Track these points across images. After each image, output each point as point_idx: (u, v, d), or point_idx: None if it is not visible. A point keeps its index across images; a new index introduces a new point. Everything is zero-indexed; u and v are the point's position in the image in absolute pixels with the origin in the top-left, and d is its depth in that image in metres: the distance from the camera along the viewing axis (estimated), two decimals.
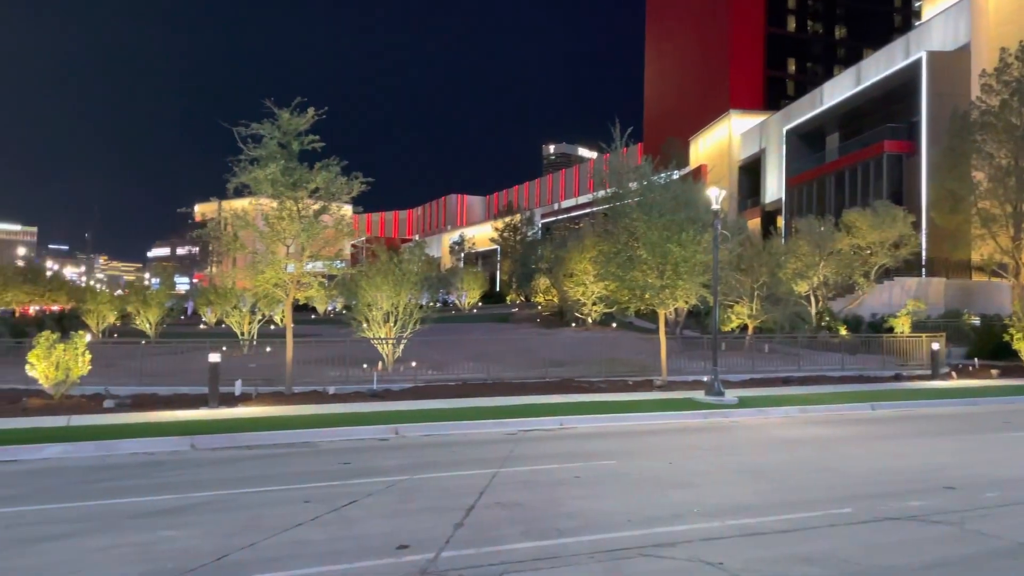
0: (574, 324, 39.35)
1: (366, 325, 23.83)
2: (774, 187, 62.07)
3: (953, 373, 24.61)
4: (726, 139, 72.29)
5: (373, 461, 11.81)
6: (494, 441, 13.63)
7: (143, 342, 24.86)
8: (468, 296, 65.00)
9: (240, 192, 18.69)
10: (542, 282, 51.83)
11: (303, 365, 20.93)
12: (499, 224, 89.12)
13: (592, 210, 64.04)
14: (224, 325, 35.85)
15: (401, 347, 23.81)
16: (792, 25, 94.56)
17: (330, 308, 56.04)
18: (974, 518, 8.41)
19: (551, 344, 25.75)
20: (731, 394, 19.03)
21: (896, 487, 9.99)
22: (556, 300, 45.71)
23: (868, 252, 35.81)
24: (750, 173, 68.21)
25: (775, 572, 6.77)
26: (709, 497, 9.43)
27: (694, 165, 74.69)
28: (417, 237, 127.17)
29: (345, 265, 22.64)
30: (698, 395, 19.08)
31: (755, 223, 58.89)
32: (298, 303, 22.05)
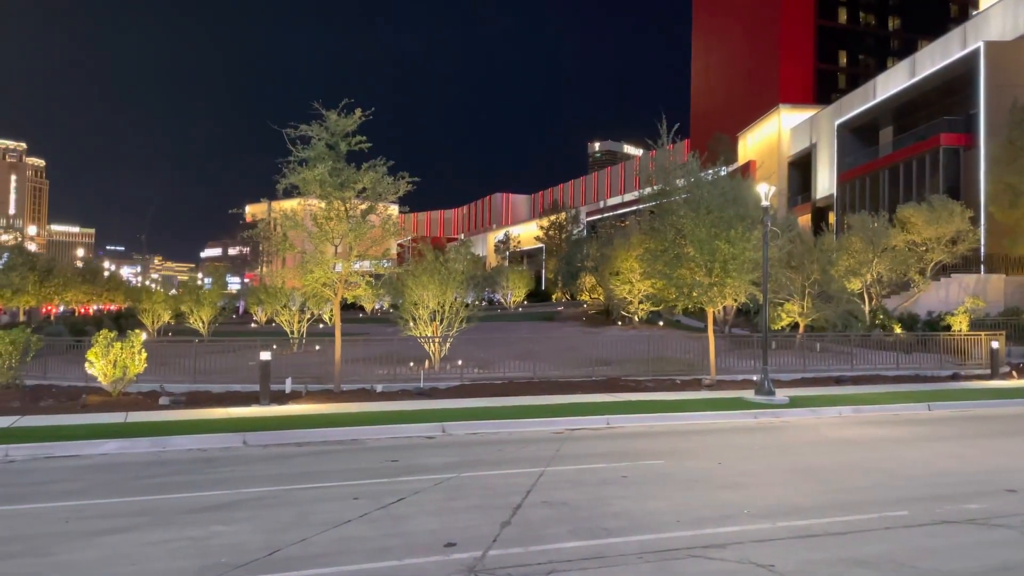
0: (620, 323, 39.08)
1: (412, 324, 24.00)
2: (825, 183, 60.77)
3: (1014, 372, 23.81)
4: (775, 134, 70.99)
5: (420, 459, 11.90)
6: (540, 440, 13.62)
7: (196, 340, 25.41)
8: (513, 295, 65.03)
9: (289, 193, 18.97)
10: (588, 280, 51.59)
11: (351, 363, 21.18)
12: (544, 222, 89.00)
13: (638, 207, 63.50)
14: (274, 324, 36.44)
15: (447, 345, 23.93)
16: (843, 17, 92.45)
17: (377, 307, 56.55)
18: None
19: (597, 342, 25.59)
20: (782, 393, 18.70)
21: (954, 489, 9.70)
22: (602, 298, 45.46)
23: (924, 248, 34.81)
24: (800, 168, 66.87)
25: (828, 575, 6.63)
26: (760, 498, 9.27)
27: (742, 161, 73.56)
28: (463, 236, 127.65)
29: (392, 264, 22.85)
30: (748, 394, 18.79)
31: (805, 219, 57.72)
32: (346, 302, 22.32)
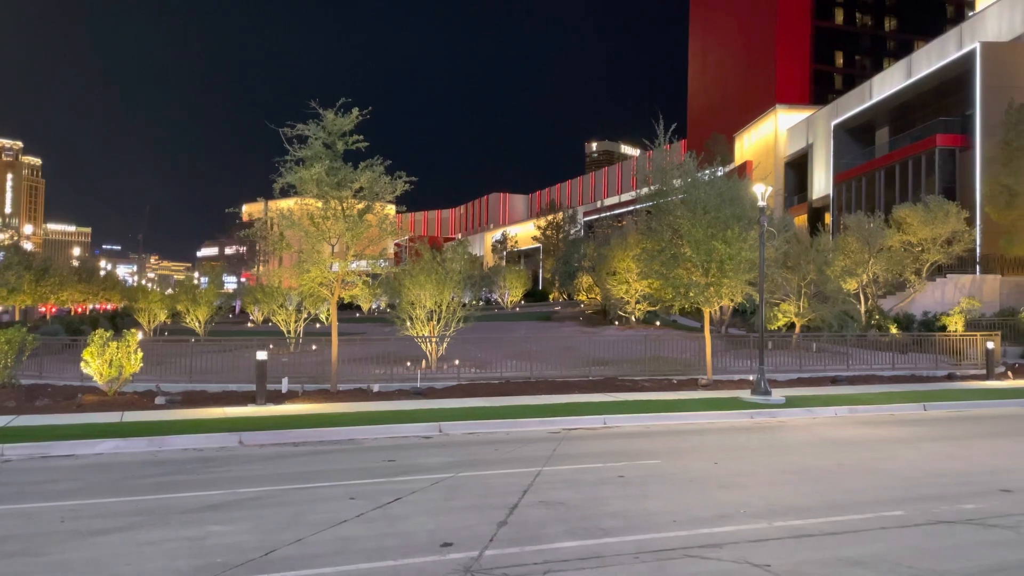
0: (617, 322, 39.11)
1: (410, 323, 24.00)
2: (821, 183, 60.86)
3: (1009, 373, 23.87)
4: (772, 135, 71.08)
5: (417, 458, 11.89)
6: (537, 439, 13.62)
7: (193, 340, 25.39)
8: (511, 294, 65.04)
9: (286, 192, 18.96)
10: (585, 280, 51.59)
11: (348, 363, 21.17)
12: (541, 222, 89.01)
13: (635, 207, 63.52)
14: (271, 323, 36.41)
15: (444, 345, 23.93)
16: (840, 18, 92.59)
17: (374, 306, 56.58)
18: None
19: (594, 342, 25.62)
20: (778, 393, 18.73)
21: (949, 489, 9.72)
22: (599, 298, 45.48)
23: (919, 249, 34.89)
24: (796, 169, 66.97)
25: (824, 575, 6.64)
26: (756, 498, 9.28)
27: (739, 161, 73.66)
28: (460, 236, 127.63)
29: (389, 264, 22.84)
30: (744, 394, 18.82)
31: (802, 220, 57.82)
32: (343, 302, 22.31)
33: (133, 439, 12.86)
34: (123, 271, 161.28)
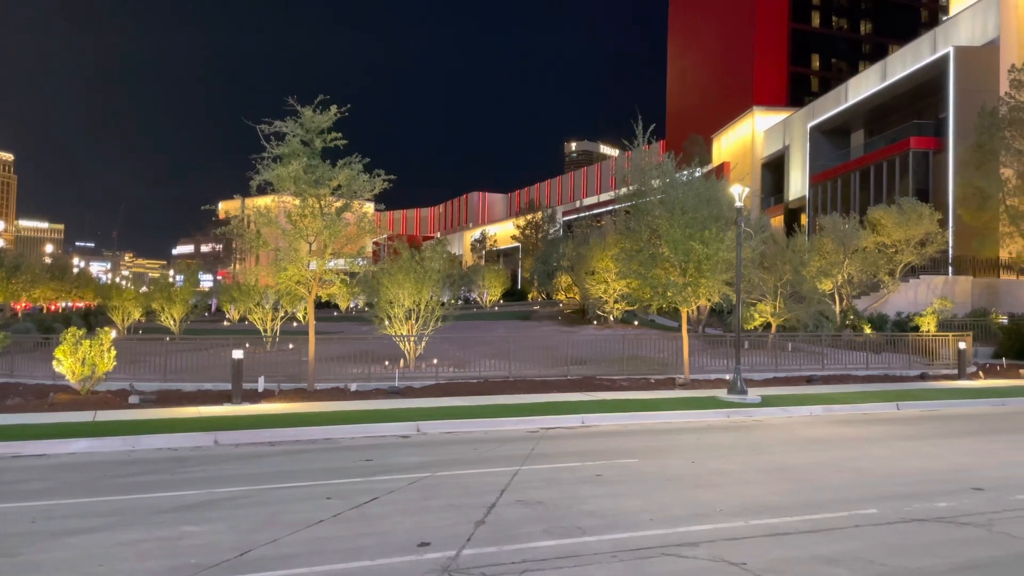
0: (595, 322, 39.21)
1: (388, 322, 23.89)
2: (798, 184, 61.43)
3: (980, 373, 24.24)
4: (749, 136, 71.64)
5: (395, 458, 11.85)
6: (516, 439, 13.62)
7: (168, 338, 25.09)
8: (490, 293, 64.99)
9: (263, 190, 18.80)
10: (563, 280, 51.67)
11: (325, 362, 21.05)
12: (521, 221, 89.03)
13: (614, 207, 63.69)
14: (247, 322, 36.08)
15: (423, 344, 23.85)
16: (816, 21, 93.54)
17: (352, 305, 56.30)
18: (1003, 520, 8.27)
19: (572, 342, 25.66)
20: (754, 392, 18.88)
21: (922, 488, 9.85)
22: (577, 298, 45.57)
23: (893, 250, 35.32)
24: (773, 170, 67.56)
25: (799, 573, 6.70)
26: (732, 496, 9.35)
27: (717, 162, 74.14)
28: (439, 235, 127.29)
29: (367, 262, 22.71)
30: (721, 393, 18.94)
31: (778, 221, 58.33)
32: (320, 300, 22.17)
33: (106, 438, 12.69)
34: (97, 268, 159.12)
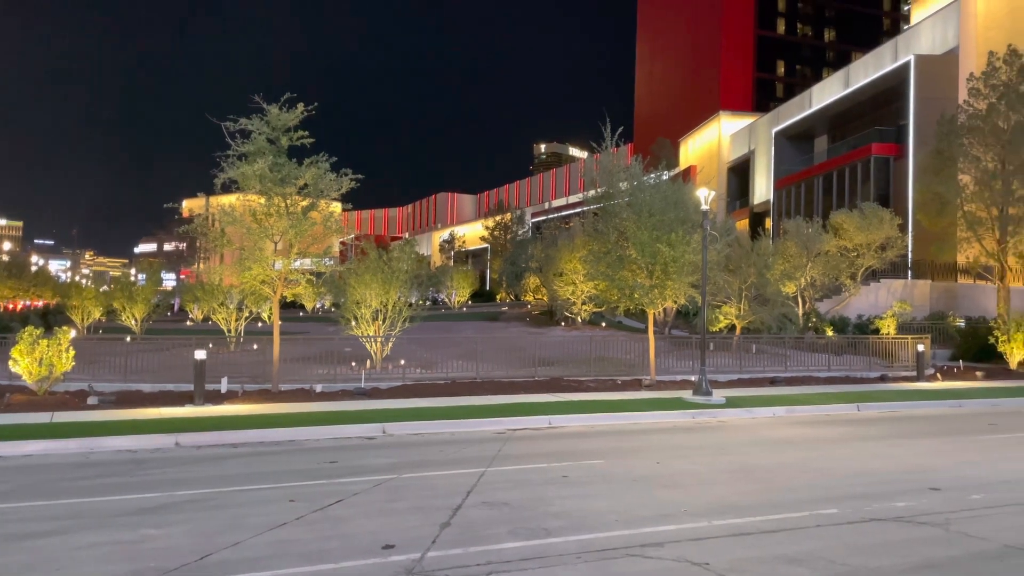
0: (563, 323, 39.33)
1: (354, 323, 23.71)
2: (763, 188, 62.25)
3: (938, 375, 24.76)
4: (715, 140, 72.45)
5: (360, 460, 11.76)
6: (482, 440, 13.60)
7: (128, 338, 24.66)
8: (458, 294, 64.87)
9: (228, 188, 18.57)
10: (532, 281, 51.78)
11: (290, 363, 20.83)
12: (490, 223, 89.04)
13: (582, 209, 63.98)
14: (211, 322, 35.58)
15: (390, 345, 23.71)
16: (782, 28, 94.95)
17: (318, 306, 55.81)
18: (960, 520, 8.45)
19: (540, 343, 25.72)
20: (719, 394, 19.07)
21: (881, 488, 10.03)
22: (546, 299, 45.68)
23: (855, 254, 35.94)
24: (739, 174, 68.40)
25: (761, 572, 6.77)
26: (697, 497, 9.43)
27: (684, 166, 74.83)
28: (407, 235, 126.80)
29: (334, 262, 22.53)
30: (686, 395, 19.11)
31: (744, 224, 59.06)
32: (286, 300, 21.95)
33: (64, 440, 12.43)
34: (56, 267, 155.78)
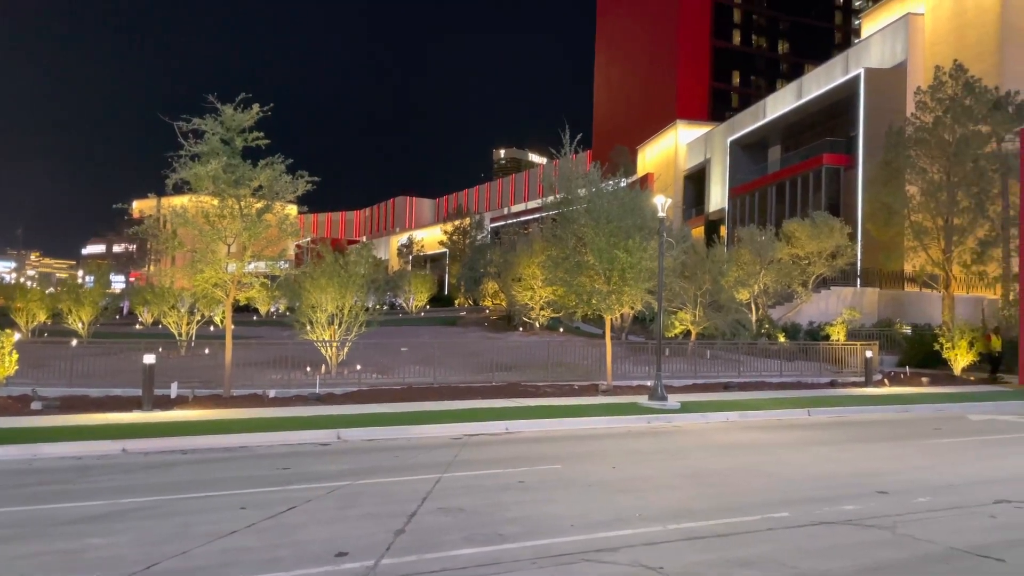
0: (521, 328, 39.38)
1: (309, 327, 23.41)
2: (718, 196, 63.19)
3: (885, 380, 25.35)
4: (672, 148, 73.36)
5: (313, 466, 11.59)
6: (439, 446, 13.51)
7: (74, 342, 23.98)
8: (416, 299, 64.54)
9: (180, 189, 18.23)
10: (490, 286, 51.77)
11: (243, 368, 20.47)
12: (448, 227, 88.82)
13: (541, 215, 64.23)
14: (161, 325, 34.83)
15: (346, 350, 23.46)
16: (737, 39, 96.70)
17: (273, 310, 55.03)
18: (906, 522, 8.63)
19: (498, 348, 25.71)
20: (674, 399, 19.25)
21: (831, 491, 10.20)
22: (504, 304, 45.69)
23: (806, 262, 36.67)
24: (695, 182, 69.33)
25: None
26: (652, 501, 9.48)
27: (641, 173, 75.62)
28: (364, 239, 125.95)
29: (289, 266, 22.24)
30: (642, 400, 19.25)
31: (699, 231, 59.84)
32: (239, 304, 21.58)
33: (5, 446, 12.00)
34: (0, 268, 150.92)
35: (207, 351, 25.71)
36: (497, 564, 7.00)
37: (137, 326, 45.29)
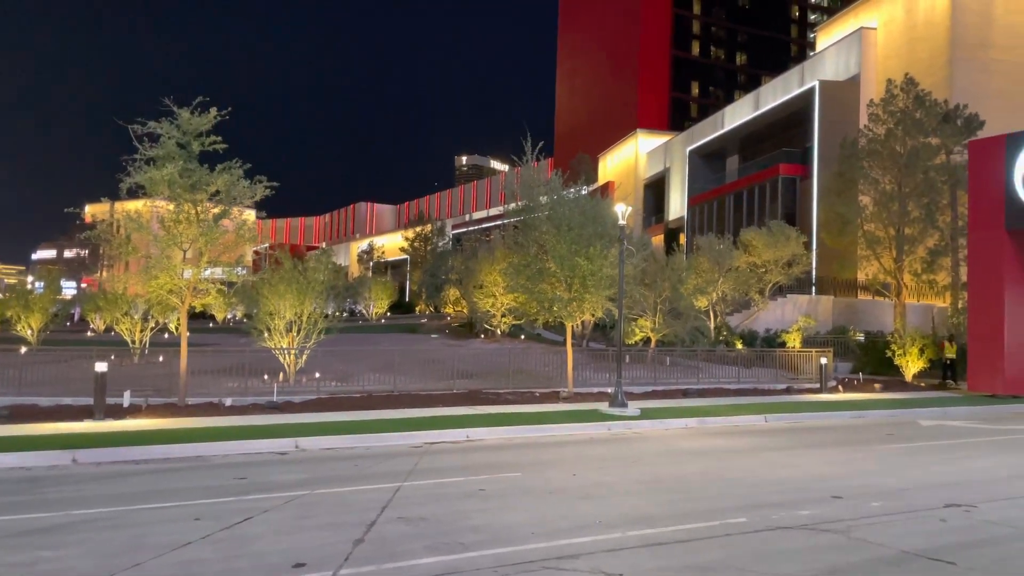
0: (483, 335, 39.34)
1: (267, 334, 23.08)
2: (677, 205, 63.95)
3: (840, 386, 25.85)
4: (633, 157, 74.09)
5: (271, 476, 11.41)
6: (399, 454, 13.42)
7: (24, 349, 23.32)
8: (376, 306, 64.07)
9: (134, 193, 17.83)
10: (452, 293, 51.67)
11: (199, 375, 20.09)
12: (410, 234, 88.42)
13: (503, 222, 64.33)
14: (114, 332, 34.04)
15: (304, 357, 23.16)
16: (696, 50, 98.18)
17: (230, 316, 54.18)
18: (860, 527, 8.79)
19: (459, 355, 25.62)
20: (634, 406, 19.38)
21: (787, 497, 10.36)
22: (465, 311, 45.61)
23: (763, 270, 37.26)
24: (655, 191, 70.09)
25: None
26: (612, 508, 9.53)
27: (602, 181, 76.24)
28: (324, 245, 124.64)
29: (246, 272, 21.91)
30: (603, 407, 19.35)
31: (659, 239, 60.51)
32: (195, 310, 21.20)
33: None
34: None
35: (161, 359, 25.17)
36: (458, 573, 6.97)
37: (89, 333, 44.22)
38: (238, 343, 27.31)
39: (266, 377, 21.06)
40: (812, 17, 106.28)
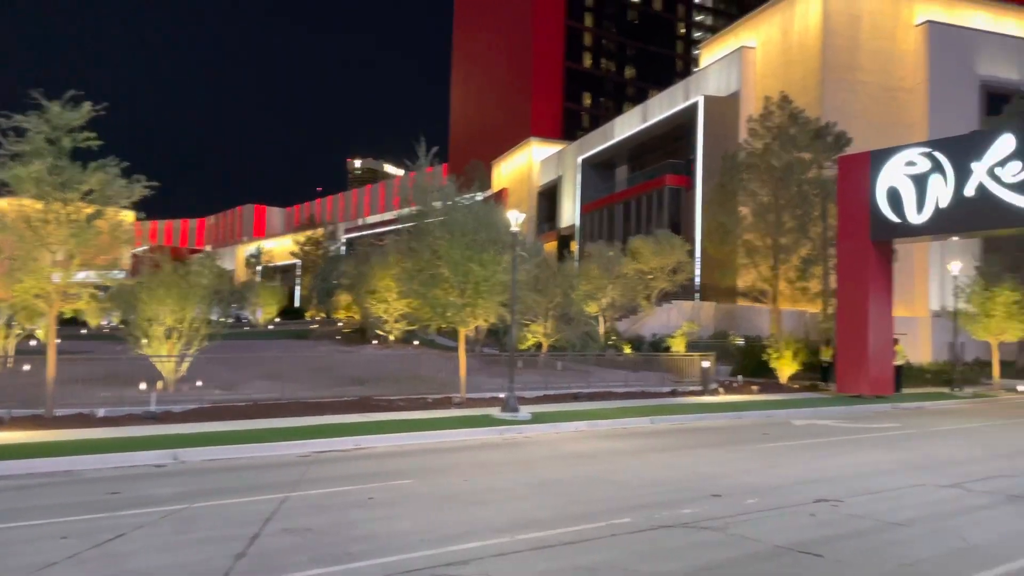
0: (376, 341, 38.80)
1: (145, 341, 21.96)
2: (569, 212, 65.18)
3: (721, 389, 26.99)
4: (527, 165, 75.01)
5: (147, 489, 10.86)
6: (285, 464, 13.05)
7: None
8: (264, 311, 62.13)
9: None
10: (343, 298, 50.67)
11: (68, 385, 18.88)
12: (300, 237, 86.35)
13: (397, 227, 63.62)
14: None
15: (185, 365, 22.16)
16: (588, 62, 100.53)
17: (105, 323, 51.25)
18: (737, 523, 9.21)
19: (351, 362, 25.21)
20: (526, 410, 19.59)
21: (670, 496, 10.73)
22: (358, 317, 44.84)
23: (650, 277, 38.49)
24: (548, 198, 71.21)
25: None
26: (502, 513, 9.59)
27: (496, 188, 76.83)
28: (209, 248, 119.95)
29: (123, 275, 20.79)
30: (495, 411, 19.46)
31: (552, 246, 61.48)
32: (65, 316, 19.95)
33: None
34: None
35: (27, 368, 23.52)
36: None
37: None
38: (113, 350, 25.86)
39: (143, 386, 20.03)
40: (696, 35, 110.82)
